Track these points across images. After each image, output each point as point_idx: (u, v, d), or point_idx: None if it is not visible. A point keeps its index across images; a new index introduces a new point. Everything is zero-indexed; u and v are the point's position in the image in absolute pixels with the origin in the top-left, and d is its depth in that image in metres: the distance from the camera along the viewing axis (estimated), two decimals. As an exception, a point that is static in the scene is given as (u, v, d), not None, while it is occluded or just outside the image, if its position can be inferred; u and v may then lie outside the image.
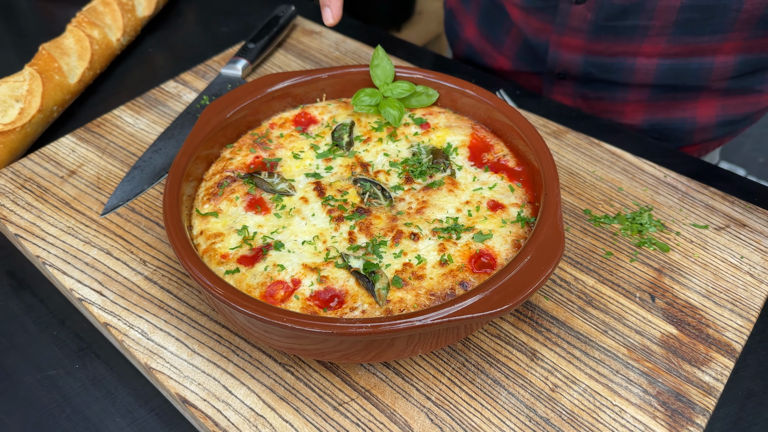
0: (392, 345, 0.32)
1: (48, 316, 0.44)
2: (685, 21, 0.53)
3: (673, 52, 0.55)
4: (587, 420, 0.33)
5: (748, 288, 0.39)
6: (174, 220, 0.36)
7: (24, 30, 0.78)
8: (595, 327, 0.37)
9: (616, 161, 0.47)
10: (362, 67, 0.47)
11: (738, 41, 0.54)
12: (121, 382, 0.40)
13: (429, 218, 0.38)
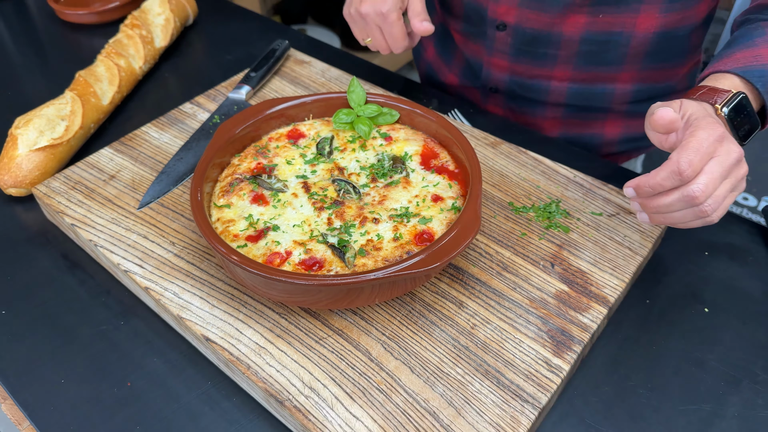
0: (357, 295, 0.46)
1: (96, 287, 0.57)
2: (586, 52, 0.67)
3: (579, 78, 0.69)
4: (495, 347, 0.46)
5: (626, 258, 0.52)
6: (199, 210, 0.49)
7: (54, 59, 0.91)
8: (507, 285, 0.50)
9: (537, 165, 0.61)
10: (341, 93, 0.61)
11: (632, 72, 0.68)
12: (156, 335, 0.52)
13: (387, 207, 0.51)
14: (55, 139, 0.66)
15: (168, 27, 0.86)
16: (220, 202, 0.53)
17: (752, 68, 0.50)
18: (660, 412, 0.46)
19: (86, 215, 0.58)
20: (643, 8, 0.63)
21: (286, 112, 0.60)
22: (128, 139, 0.67)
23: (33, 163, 0.64)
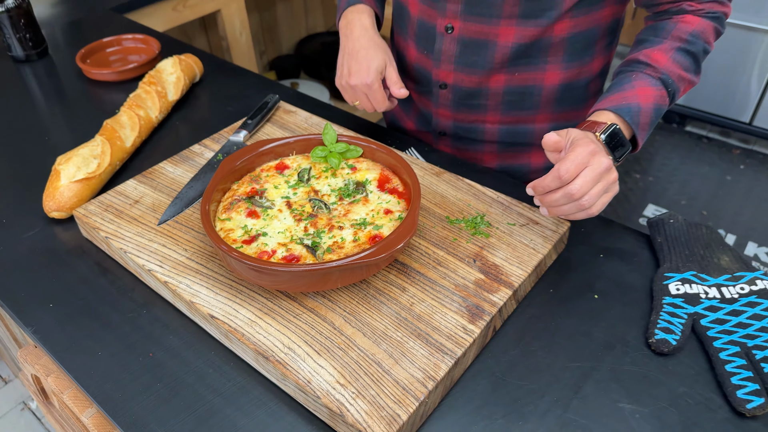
0: (324, 280, 0.61)
1: (124, 285, 0.72)
2: (509, 101, 0.85)
3: (506, 121, 0.87)
4: (427, 318, 0.61)
5: (530, 256, 0.68)
6: (207, 221, 0.65)
7: (84, 110, 1.09)
8: (439, 275, 0.66)
9: (470, 189, 0.78)
10: (317, 135, 0.78)
11: (547, 114, 0.86)
12: (171, 319, 0.68)
13: (350, 218, 0.68)
14: (89, 173, 0.83)
15: (179, 84, 1.05)
16: (223, 217, 0.69)
17: (621, 106, 0.68)
18: (552, 368, 0.61)
19: (117, 230, 0.74)
20: (548, 66, 0.81)
21: (274, 150, 0.77)
22: (148, 173, 0.84)
23: (72, 191, 0.81)
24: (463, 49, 0.82)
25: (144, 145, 0.96)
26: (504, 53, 0.80)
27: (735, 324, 0.64)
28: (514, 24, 0.78)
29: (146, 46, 1.22)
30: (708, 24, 0.73)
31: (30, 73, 1.21)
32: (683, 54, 0.72)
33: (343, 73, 0.82)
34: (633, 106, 0.69)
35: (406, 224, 0.63)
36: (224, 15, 1.75)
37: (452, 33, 0.82)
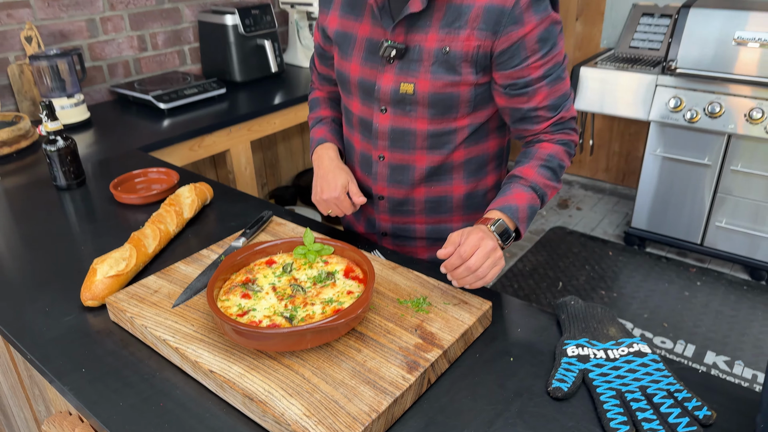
0: (296, 341, 0.81)
1: (142, 356, 0.91)
2: (430, 207, 1.12)
3: (431, 221, 1.13)
4: (375, 370, 0.80)
5: (459, 325, 0.88)
6: (211, 300, 0.87)
7: (114, 225, 1.33)
8: (388, 340, 0.86)
9: (417, 278, 1.00)
10: (300, 238, 1.02)
11: (459, 215, 1.14)
12: (179, 379, 0.86)
13: (320, 298, 0.89)
14: (119, 271, 1.06)
15: (193, 205, 1.31)
16: (223, 298, 0.91)
17: (504, 206, 0.96)
18: (473, 410, 0.79)
19: (139, 312, 0.95)
20: (454, 182, 1.10)
21: (265, 250, 1.00)
22: (166, 271, 1.06)
23: (105, 285, 1.03)
24: (392, 171, 1.12)
25: (163, 251, 1.20)
26: (421, 173, 1.10)
27: (615, 376, 0.83)
28: (425, 153, 1.08)
29: (167, 177, 1.50)
30: (559, 148, 1.02)
31: (69, 198, 1.47)
32: (544, 168, 1.01)
33: (317, 191, 1.11)
34: (513, 206, 0.96)
35: (361, 300, 0.85)
36: (232, 153, 2.07)
37: (383, 160, 1.12)
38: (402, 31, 0.99)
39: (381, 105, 1.06)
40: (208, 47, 2.41)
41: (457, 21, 0.95)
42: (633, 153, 3.44)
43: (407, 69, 1.01)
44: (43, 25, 2.02)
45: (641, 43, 2.96)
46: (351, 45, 1.07)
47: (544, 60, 0.96)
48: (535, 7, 0.92)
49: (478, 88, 1.00)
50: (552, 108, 1.00)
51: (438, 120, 1.04)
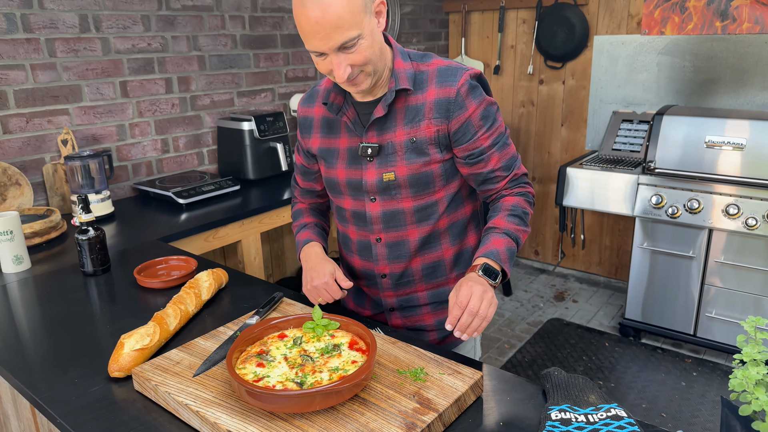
0: (307, 403, 0.91)
1: (164, 421, 1.00)
2: (427, 273, 1.27)
3: (431, 287, 1.27)
4: (377, 429, 0.89)
5: (452, 392, 0.98)
6: (230, 367, 0.97)
7: (138, 306, 1.45)
8: (388, 405, 0.95)
9: (415, 351, 1.10)
10: (309, 315, 1.14)
11: (453, 276, 1.27)
12: (196, 442, 0.95)
13: (327, 366, 1.00)
14: (144, 345, 1.16)
15: (210, 288, 1.43)
16: (239, 367, 1.01)
17: (486, 252, 1.13)
18: (466, 468, 0.87)
19: (163, 380, 1.04)
20: (443, 247, 1.26)
21: (277, 325, 1.12)
22: (187, 345, 1.17)
23: (131, 357, 1.13)
24: (390, 249, 1.27)
25: (182, 329, 1.30)
26: (415, 245, 1.26)
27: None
28: (416, 227, 1.25)
29: (186, 264, 1.64)
30: (520, 198, 1.23)
31: (95, 283, 1.60)
32: (512, 216, 1.20)
33: (307, 281, 1.28)
34: (494, 251, 1.14)
35: (364, 367, 0.95)
36: (243, 244, 2.22)
37: (381, 242, 1.28)
38: (374, 134, 1.20)
39: (370, 195, 1.24)
40: (225, 149, 2.63)
41: (416, 116, 1.17)
42: (623, 247, 3.59)
43: (385, 162, 1.20)
44: (78, 130, 2.25)
45: (622, 146, 3.20)
46: (335, 156, 1.26)
47: (489, 132, 1.19)
48: (473, 94, 1.16)
49: (446, 164, 1.21)
50: (505, 168, 1.22)
51: (420, 196, 1.22)
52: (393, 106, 1.18)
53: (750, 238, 2.62)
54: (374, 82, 1.14)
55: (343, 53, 1.05)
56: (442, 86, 1.15)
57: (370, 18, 1.06)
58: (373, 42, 1.07)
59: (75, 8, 2.16)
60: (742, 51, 2.99)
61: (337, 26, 1.01)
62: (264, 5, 2.80)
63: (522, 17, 3.66)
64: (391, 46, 1.19)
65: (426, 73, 1.17)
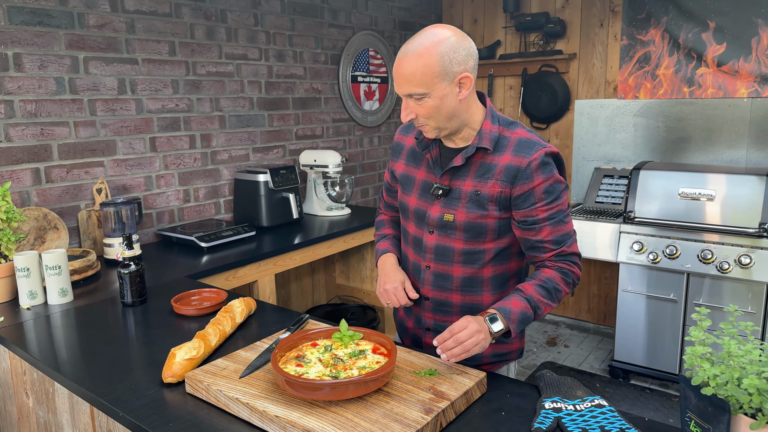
0: (341, 391, 1.09)
1: (214, 414, 1.17)
2: (464, 311, 1.43)
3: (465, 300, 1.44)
4: (401, 415, 1.08)
5: (461, 387, 1.17)
6: (276, 366, 1.16)
7: (172, 331, 1.62)
8: (408, 396, 1.13)
9: (428, 358, 1.29)
10: (336, 327, 1.33)
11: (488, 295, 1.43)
12: (245, 430, 1.12)
13: (356, 366, 1.18)
14: (192, 356, 1.34)
15: (243, 313, 1.62)
16: (281, 366, 1.19)
17: (501, 308, 1.28)
18: (475, 444, 1.05)
19: (214, 381, 1.22)
20: (483, 293, 1.42)
21: (309, 336, 1.31)
22: (230, 356, 1.35)
23: (182, 366, 1.31)
24: (436, 277, 1.45)
25: (220, 346, 1.48)
26: (457, 282, 1.43)
27: (581, 420, 1.10)
28: (461, 266, 1.42)
29: (217, 295, 1.83)
30: (557, 274, 1.33)
31: (133, 313, 1.78)
32: (541, 288, 1.32)
33: (381, 284, 1.46)
34: (507, 309, 1.28)
35: (389, 363, 1.14)
36: (259, 284, 2.41)
37: (429, 269, 1.46)
38: (447, 178, 1.36)
39: (430, 228, 1.41)
40: (241, 199, 2.86)
41: (486, 174, 1.32)
42: (610, 295, 3.79)
43: (449, 204, 1.36)
44: (111, 180, 2.48)
45: (605, 198, 3.47)
46: (412, 184, 1.45)
47: (548, 206, 1.29)
48: (543, 169, 1.28)
49: (501, 221, 1.34)
50: (555, 242, 1.32)
51: (471, 242, 1.37)
52: (471, 158, 1.33)
53: (724, 281, 2.84)
54: (444, 135, 1.32)
55: (411, 101, 1.25)
56: (517, 155, 1.29)
57: (446, 85, 1.22)
58: (441, 104, 1.24)
59: (115, 73, 2.44)
60: (709, 113, 3.32)
61: (407, 80, 1.22)
62: (278, 72, 3.11)
63: (509, 84, 4.01)
64: (486, 107, 1.35)
65: (508, 139, 1.31)
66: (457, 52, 1.22)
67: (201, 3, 2.72)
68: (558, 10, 3.73)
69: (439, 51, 1.20)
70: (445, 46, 1.21)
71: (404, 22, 3.93)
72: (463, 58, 1.23)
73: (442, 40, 1.21)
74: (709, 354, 0.94)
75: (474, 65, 1.26)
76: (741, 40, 3.15)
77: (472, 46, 1.26)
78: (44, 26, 2.21)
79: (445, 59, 1.21)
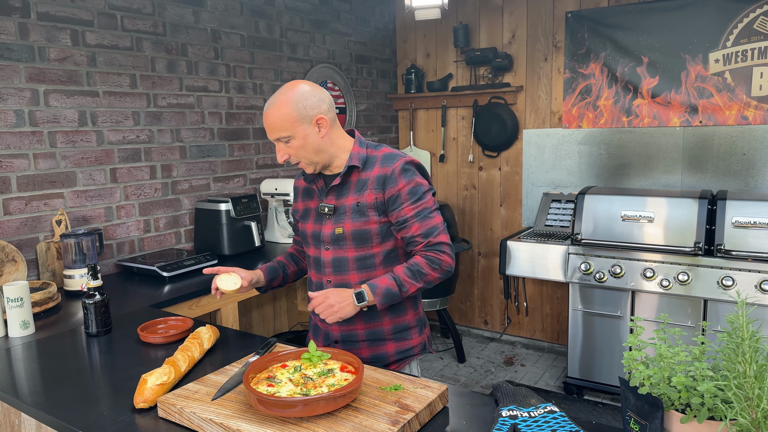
0: (312, 407, 1.15)
1: None
2: (365, 313, 1.56)
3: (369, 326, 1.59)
4: (369, 425, 1.14)
5: (424, 400, 1.25)
6: (249, 386, 1.21)
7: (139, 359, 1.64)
8: (376, 410, 1.20)
9: (393, 374, 1.36)
10: (304, 349, 1.39)
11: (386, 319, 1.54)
12: (220, 448, 1.16)
13: (326, 384, 1.25)
14: (163, 382, 1.37)
15: (210, 339, 1.66)
16: (254, 386, 1.25)
17: (370, 283, 1.49)
18: (439, 451, 1.13)
19: (187, 404, 1.26)
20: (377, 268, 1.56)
21: (279, 358, 1.36)
22: (201, 380, 1.39)
23: (153, 391, 1.34)
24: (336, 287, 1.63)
25: (189, 372, 1.52)
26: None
27: (536, 426, 1.19)
28: (356, 273, 1.59)
29: (183, 323, 1.85)
30: (422, 260, 1.53)
31: (98, 342, 1.79)
32: (407, 269, 1.53)
33: None
34: (374, 285, 1.51)
35: (357, 379, 1.21)
36: (222, 312, 2.43)
37: (330, 283, 1.63)
38: (332, 198, 1.60)
39: (325, 245, 1.61)
40: (202, 227, 2.89)
41: (363, 188, 1.56)
42: (563, 314, 3.95)
43: (338, 219, 1.58)
44: (71, 212, 2.47)
45: (554, 221, 3.65)
46: (308, 214, 1.67)
47: (413, 205, 1.53)
48: (404, 174, 1.54)
49: (382, 225, 1.57)
50: (423, 236, 1.54)
51: (360, 248, 1.58)
52: (348, 178, 1.58)
53: (666, 297, 3.03)
54: (318, 168, 1.58)
55: (281, 143, 1.52)
56: (383, 166, 1.55)
57: (306, 127, 1.49)
58: (305, 143, 1.51)
59: (75, 105, 2.46)
60: (647, 141, 3.57)
61: (273, 127, 1.50)
62: (239, 103, 3.18)
63: (461, 114, 4.19)
64: (354, 137, 1.63)
65: (375, 157, 1.58)
66: (308, 99, 1.49)
67: (162, 37, 2.77)
68: (505, 45, 3.95)
69: (293, 99, 1.48)
70: (298, 94, 1.48)
71: (360, 56, 4.08)
72: (315, 103, 1.50)
73: (295, 91, 1.49)
74: (644, 357, 1.05)
75: (328, 108, 1.53)
76: (672, 74, 3.43)
77: (324, 94, 1.53)
78: (4, 59, 2.23)
79: (299, 106, 1.48)
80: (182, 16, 2.85)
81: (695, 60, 3.35)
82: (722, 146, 3.36)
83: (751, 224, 2.83)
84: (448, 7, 3.12)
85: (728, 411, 0.89)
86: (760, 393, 0.86)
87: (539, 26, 3.81)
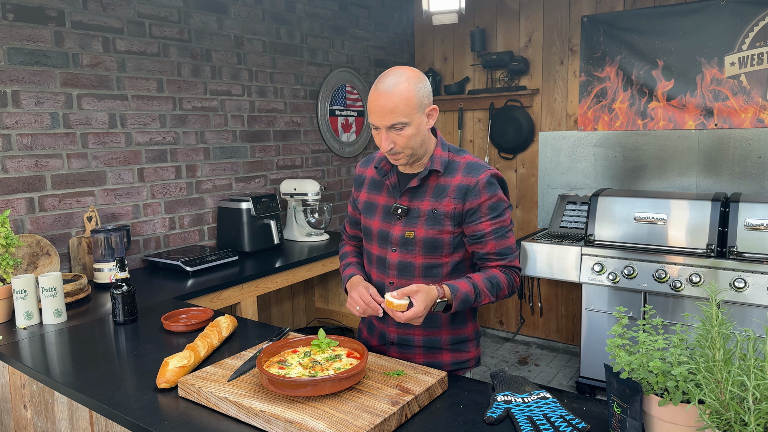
0: (319, 387, 1.24)
1: (204, 413, 1.31)
2: (425, 321, 1.59)
3: (426, 333, 1.59)
4: (371, 407, 1.23)
5: (425, 383, 1.33)
6: (260, 366, 1.31)
7: (163, 345, 1.76)
8: (378, 392, 1.28)
9: (396, 361, 1.45)
10: (314, 336, 1.48)
11: (446, 330, 1.60)
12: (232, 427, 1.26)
13: (333, 367, 1.34)
14: (184, 365, 1.48)
15: (228, 328, 1.76)
16: (266, 368, 1.34)
17: (451, 285, 1.46)
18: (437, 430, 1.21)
19: (205, 384, 1.36)
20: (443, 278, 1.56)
21: (290, 344, 1.46)
22: (218, 363, 1.49)
23: (174, 372, 1.45)
24: None
25: (208, 357, 1.63)
26: None
27: (528, 410, 1.27)
28: (422, 280, 1.54)
29: (204, 313, 1.97)
30: (500, 273, 1.53)
31: (125, 330, 1.91)
32: (486, 279, 1.51)
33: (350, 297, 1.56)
34: (454, 286, 1.46)
35: (361, 363, 1.30)
36: (242, 306, 2.55)
37: (393, 285, 1.60)
38: (406, 199, 1.54)
39: (392, 246, 1.56)
40: (224, 226, 3.01)
41: (441, 194, 1.50)
42: (577, 315, 3.98)
43: (410, 223, 1.53)
44: (100, 209, 2.61)
45: (569, 223, 3.70)
46: (374, 209, 1.61)
47: (492, 221, 1.48)
48: (488, 188, 1.48)
49: (455, 236, 1.51)
50: (499, 255, 1.51)
51: (429, 257, 1.53)
52: (426, 181, 1.51)
53: (678, 299, 3.05)
54: (411, 161, 1.50)
55: (392, 131, 1.42)
56: (467, 175, 1.48)
57: (420, 116, 1.43)
58: (417, 132, 1.43)
59: (106, 109, 2.60)
60: (661, 143, 3.59)
61: (392, 111, 1.39)
62: (260, 107, 3.31)
63: (478, 117, 4.26)
64: (437, 137, 1.56)
65: (458, 163, 1.52)
66: (426, 88, 1.45)
67: (187, 43, 2.91)
68: (521, 49, 4.01)
69: (415, 86, 1.41)
70: (418, 82, 1.43)
71: (378, 60, 4.18)
72: (429, 92, 1.46)
73: (415, 77, 1.43)
74: (627, 345, 1.12)
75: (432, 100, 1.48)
76: (687, 77, 3.45)
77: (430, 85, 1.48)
78: (41, 65, 2.38)
79: (420, 93, 1.42)
80: (207, 23, 2.99)
81: (711, 63, 3.37)
82: (738, 149, 3.37)
83: (763, 226, 2.85)
84: (465, 11, 3.20)
85: (698, 393, 0.95)
86: (727, 376, 0.93)
87: (555, 30, 3.86)
